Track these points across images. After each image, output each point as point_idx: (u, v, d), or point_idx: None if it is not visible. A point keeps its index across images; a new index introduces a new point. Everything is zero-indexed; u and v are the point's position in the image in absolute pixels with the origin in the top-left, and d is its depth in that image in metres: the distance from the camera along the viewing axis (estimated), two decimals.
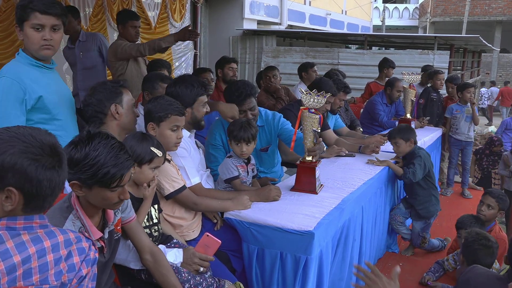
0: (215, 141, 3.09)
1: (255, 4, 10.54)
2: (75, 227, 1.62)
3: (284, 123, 3.27)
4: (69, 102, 2.52)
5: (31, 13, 2.21)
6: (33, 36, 2.25)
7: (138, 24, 4.32)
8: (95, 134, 1.59)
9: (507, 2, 22.40)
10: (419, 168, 3.53)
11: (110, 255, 1.81)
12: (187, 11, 7.53)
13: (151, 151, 2.08)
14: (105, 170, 1.54)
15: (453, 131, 5.57)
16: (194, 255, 2.14)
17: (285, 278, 2.33)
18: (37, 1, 2.22)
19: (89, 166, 1.53)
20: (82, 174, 1.54)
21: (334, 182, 3.04)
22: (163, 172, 2.35)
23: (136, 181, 2.11)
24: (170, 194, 2.38)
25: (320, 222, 2.36)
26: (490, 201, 3.52)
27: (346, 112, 5.24)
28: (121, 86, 2.33)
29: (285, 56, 9.19)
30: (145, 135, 2.15)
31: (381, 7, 26.82)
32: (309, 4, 14.31)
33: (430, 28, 24.49)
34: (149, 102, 2.42)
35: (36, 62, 2.32)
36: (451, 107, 5.54)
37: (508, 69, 22.45)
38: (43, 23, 2.24)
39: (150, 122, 2.37)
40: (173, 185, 2.38)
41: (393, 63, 6.36)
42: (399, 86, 5.27)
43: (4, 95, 2.20)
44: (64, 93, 2.48)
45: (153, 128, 2.36)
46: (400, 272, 1.75)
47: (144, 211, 2.15)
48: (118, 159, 1.57)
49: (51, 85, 2.36)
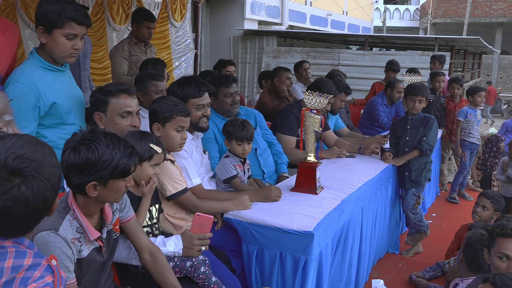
0: (207, 134, 3.07)
1: (256, 4, 10.54)
2: (72, 228, 1.61)
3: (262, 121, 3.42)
4: (80, 105, 2.50)
5: (67, 22, 2.18)
6: (65, 44, 2.23)
7: (152, 26, 4.33)
8: (97, 132, 1.61)
9: (508, 3, 22.41)
10: (432, 140, 3.66)
11: (109, 254, 1.80)
12: (188, 11, 7.51)
13: (151, 148, 2.09)
14: (123, 162, 1.58)
15: (466, 135, 5.54)
16: (192, 238, 2.13)
17: (284, 279, 2.32)
18: (74, 11, 2.19)
19: (108, 163, 1.55)
20: (103, 171, 1.55)
21: (334, 182, 3.03)
22: (167, 173, 2.34)
23: (137, 179, 2.11)
24: (172, 195, 2.38)
25: (319, 222, 2.35)
26: (485, 202, 3.51)
27: (347, 114, 5.23)
28: (111, 95, 2.24)
29: (286, 57, 9.19)
30: (144, 133, 2.15)
31: (382, 8, 26.84)
32: (310, 4, 14.31)
33: (431, 29, 24.50)
34: (154, 102, 2.42)
35: (50, 65, 2.29)
36: (464, 110, 5.48)
37: (509, 71, 22.47)
38: (77, 32, 2.23)
39: (155, 123, 2.37)
40: (175, 186, 2.37)
41: (396, 67, 6.25)
42: (399, 87, 5.26)
43: (16, 101, 2.16)
44: (75, 96, 2.47)
45: (158, 128, 2.36)
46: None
47: (144, 208, 2.14)
48: (129, 149, 1.62)
49: (63, 90, 2.34)
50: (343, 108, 4.71)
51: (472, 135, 5.49)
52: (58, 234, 1.55)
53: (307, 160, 2.84)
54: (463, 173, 5.62)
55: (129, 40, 4.32)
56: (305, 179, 2.81)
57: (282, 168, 3.35)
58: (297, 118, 3.68)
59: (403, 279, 3.43)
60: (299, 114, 3.67)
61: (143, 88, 3.11)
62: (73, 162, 1.54)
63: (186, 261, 2.10)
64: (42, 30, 2.23)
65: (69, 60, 2.32)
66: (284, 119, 3.72)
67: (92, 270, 1.73)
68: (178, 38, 7.20)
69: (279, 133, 3.67)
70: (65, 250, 1.55)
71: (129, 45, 4.27)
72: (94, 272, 1.75)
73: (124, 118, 2.25)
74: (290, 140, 3.67)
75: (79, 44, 2.26)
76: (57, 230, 1.56)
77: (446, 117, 5.86)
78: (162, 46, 6.77)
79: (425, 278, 3.35)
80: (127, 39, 4.36)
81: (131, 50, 4.25)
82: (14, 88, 2.19)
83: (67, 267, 1.55)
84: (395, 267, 3.65)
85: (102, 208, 1.74)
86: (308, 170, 2.80)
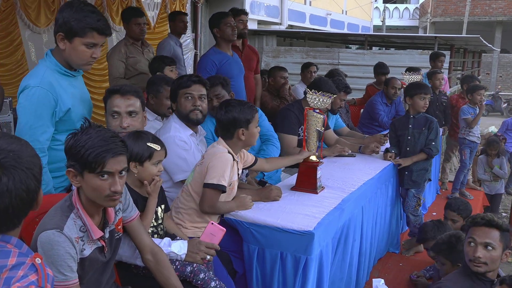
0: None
1: (256, 4, 10.54)
2: (76, 226, 1.62)
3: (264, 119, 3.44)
4: (90, 109, 2.50)
5: (89, 32, 2.16)
6: (84, 53, 2.20)
7: (142, 21, 4.26)
8: (91, 124, 1.64)
9: (507, 2, 22.41)
10: (437, 142, 3.73)
11: (111, 255, 1.81)
12: (187, 11, 7.51)
13: (148, 147, 2.08)
14: (90, 151, 1.56)
15: (466, 133, 5.53)
16: (200, 243, 2.13)
17: (285, 278, 2.32)
18: (97, 21, 2.16)
19: (79, 149, 1.56)
20: (75, 157, 1.58)
21: (334, 182, 3.03)
22: (221, 164, 2.33)
23: (141, 180, 2.11)
24: (210, 184, 2.32)
25: (320, 222, 2.35)
26: (452, 215, 3.65)
27: (347, 114, 5.23)
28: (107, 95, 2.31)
29: (286, 56, 9.20)
30: (139, 133, 2.14)
31: (381, 7, 26.83)
32: (309, 4, 14.31)
33: (431, 28, 24.50)
34: (227, 112, 2.40)
35: (65, 70, 2.27)
36: (465, 109, 5.48)
37: (509, 70, 22.47)
38: (97, 42, 2.21)
39: (240, 128, 2.40)
40: (219, 179, 2.33)
41: (385, 69, 6.14)
42: (393, 83, 5.30)
43: (37, 106, 2.15)
44: (86, 101, 2.45)
45: (243, 133, 2.40)
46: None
47: (151, 208, 2.14)
48: (106, 143, 1.58)
49: (76, 95, 2.33)
50: (343, 107, 4.71)
51: (472, 134, 5.49)
52: (63, 233, 1.56)
53: (309, 159, 2.84)
54: (464, 171, 5.61)
55: (126, 41, 4.26)
56: (306, 178, 2.81)
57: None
58: (297, 118, 3.68)
59: (404, 278, 3.43)
60: (300, 113, 3.68)
61: (155, 92, 3.09)
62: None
63: (187, 266, 2.10)
64: (62, 37, 2.19)
65: (85, 68, 2.32)
66: (285, 119, 3.72)
67: (94, 270, 1.73)
68: None
69: (280, 132, 3.67)
70: (69, 250, 1.56)
71: (125, 47, 4.21)
72: (96, 272, 1.75)
73: (114, 119, 2.27)
74: (291, 139, 3.68)
75: (98, 53, 2.25)
76: (62, 229, 1.57)
77: (455, 114, 5.82)
78: None
79: (425, 277, 3.36)
80: (124, 41, 4.29)
81: (127, 52, 4.20)
82: (35, 93, 2.16)
83: (70, 267, 1.56)
84: (396, 266, 3.65)
85: (105, 208, 1.74)
86: (309, 169, 2.80)
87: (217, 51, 4.15)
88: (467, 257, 2.35)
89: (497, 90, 19.22)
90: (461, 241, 2.84)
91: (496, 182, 5.88)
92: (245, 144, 2.48)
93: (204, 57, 4.20)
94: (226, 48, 4.18)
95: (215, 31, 4.13)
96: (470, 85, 5.61)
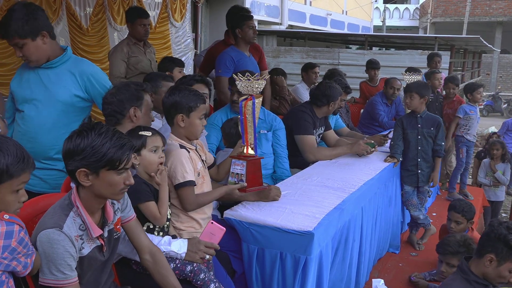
0: (214, 120, 3.16)
1: (256, 4, 10.54)
2: (75, 224, 1.62)
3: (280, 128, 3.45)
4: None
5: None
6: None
7: (147, 22, 4.27)
8: (95, 124, 1.65)
9: (507, 2, 22.41)
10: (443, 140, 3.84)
11: (110, 254, 1.81)
12: (188, 10, 7.51)
13: (140, 135, 2.11)
14: (112, 151, 1.60)
15: (464, 132, 5.53)
16: (200, 243, 2.13)
17: (285, 278, 2.32)
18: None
19: (96, 149, 1.58)
20: (91, 158, 1.58)
21: (334, 182, 3.03)
22: (180, 160, 2.28)
23: (146, 171, 2.12)
24: (179, 184, 2.27)
25: (320, 222, 2.35)
26: (456, 217, 3.57)
27: (347, 114, 5.23)
28: (143, 90, 2.37)
29: (286, 56, 9.20)
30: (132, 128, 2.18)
31: (381, 8, 26.83)
32: (309, 4, 14.32)
33: (431, 28, 24.50)
34: (172, 95, 2.36)
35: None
36: (464, 107, 5.48)
37: (509, 70, 22.48)
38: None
39: (180, 114, 2.33)
40: (184, 176, 2.28)
41: (376, 65, 6.37)
42: (392, 83, 5.32)
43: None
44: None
45: (182, 119, 2.33)
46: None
47: (164, 197, 2.14)
48: (122, 141, 1.63)
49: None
50: (343, 107, 4.72)
51: (470, 133, 5.50)
52: (62, 232, 1.56)
53: (250, 154, 2.51)
54: (460, 170, 5.59)
55: (128, 41, 4.27)
56: (255, 176, 2.52)
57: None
58: (312, 118, 3.71)
59: (404, 278, 3.42)
60: (313, 113, 3.72)
61: (154, 88, 3.09)
62: (66, 148, 1.61)
63: (187, 265, 2.09)
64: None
65: None
66: (300, 120, 3.69)
67: (93, 270, 1.73)
68: (178, 38, 7.21)
69: (298, 135, 3.64)
70: (68, 249, 1.56)
71: (128, 46, 4.21)
72: (95, 271, 1.75)
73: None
74: (311, 139, 3.67)
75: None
76: (61, 228, 1.56)
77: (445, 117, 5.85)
78: (163, 46, 6.77)
79: (426, 279, 3.34)
80: (126, 40, 4.30)
81: (129, 51, 4.20)
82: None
83: (69, 266, 1.56)
84: (396, 266, 3.65)
85: (104, 207, 1.75)
86: (257, 165, 2.53)
87: (235, 49, 4.28)
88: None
89: (497, 90, 19.23)
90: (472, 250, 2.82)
91: (496, 188, 5.78)
92: (186, 133, 2.36)
93: (224, 53, 4.30)
94: (245, 48, 4.33)
95: (237, 31, 4.24)
96: (467, 85, 5.64)
